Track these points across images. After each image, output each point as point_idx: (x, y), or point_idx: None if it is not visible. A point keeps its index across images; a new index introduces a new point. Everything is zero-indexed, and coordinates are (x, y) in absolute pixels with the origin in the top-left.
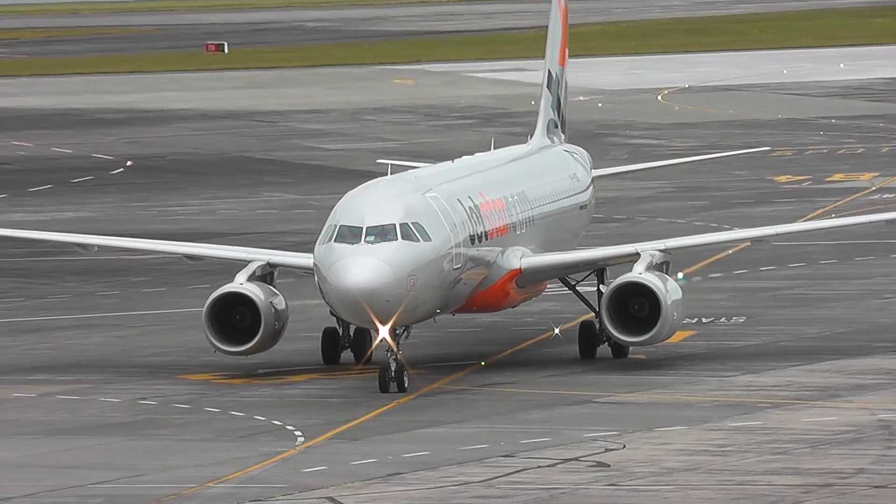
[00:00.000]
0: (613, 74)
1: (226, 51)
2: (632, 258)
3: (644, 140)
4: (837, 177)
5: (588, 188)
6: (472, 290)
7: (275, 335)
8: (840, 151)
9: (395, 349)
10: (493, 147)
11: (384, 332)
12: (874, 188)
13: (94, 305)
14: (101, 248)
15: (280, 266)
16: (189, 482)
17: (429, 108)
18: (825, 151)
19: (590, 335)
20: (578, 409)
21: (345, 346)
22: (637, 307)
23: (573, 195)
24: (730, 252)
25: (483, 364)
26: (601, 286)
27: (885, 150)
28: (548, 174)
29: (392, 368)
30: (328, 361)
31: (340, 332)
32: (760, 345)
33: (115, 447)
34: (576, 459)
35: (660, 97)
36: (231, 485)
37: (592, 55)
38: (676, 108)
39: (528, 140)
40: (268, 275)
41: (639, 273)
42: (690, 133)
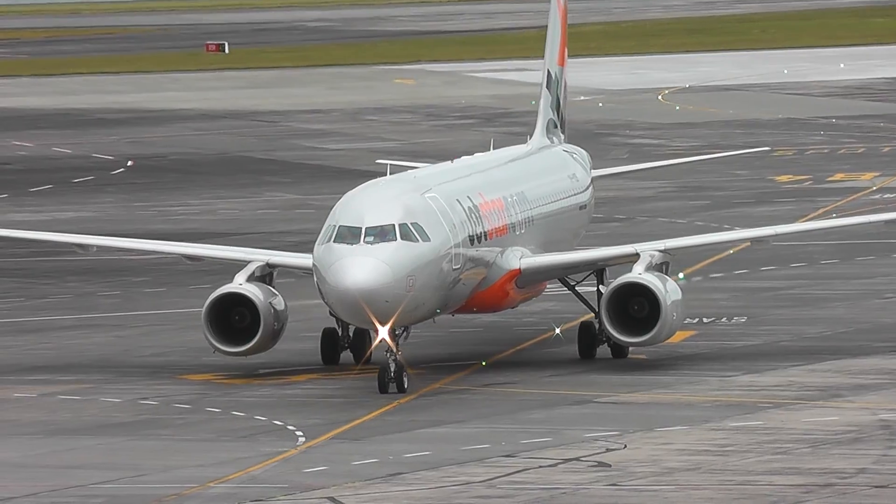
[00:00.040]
0: (614, 74)
1: (226, 51)
2: (631, 258)
3: (645, 140)
4: (838, 176)
5: (588, 188)
6: (472, 291)
7: (274, 335)
8: (841, 151)
9: (395, 350)
10: (493, 147)
11: (383, 333)
12: (875, 188)
13: (95, 305)
14: (101, 249)
15: (279, 266)
16: (190, 482)
17: (430, 108)
18: (826, 151)
19: (589, 336)
20: (579, 409)
21: (344, 347)
22: (637, 308)
23: (573, 195)
24: (730, 252)
25: (484, 364)
26: (601, 286)
27: (886, 150)
28: (547, 174)
29: (391, 369)
30: (327, 362)
31: (340, 333)
32: (761, 345)
33: (117, 447)
34: (577, 459)
35: (660, 97)
36: (232, 485)
37: (593, 55)
38: (677, 108)
39: (528, 140)
40: (267, 275)
41: (638, 273)
42: (691, 133)
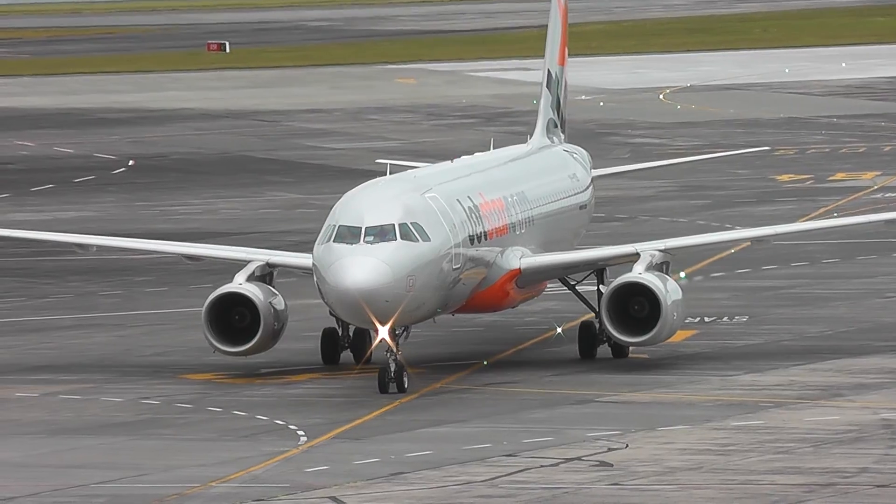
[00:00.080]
0: (615, 73)
1: (227, 50)
2: (631, 258)
3: (646, 139)
4: (839, 176)
5: (588, 188)
6: (472, 291)
7: (274, 335)
8: (842, 150)
9: (395, 349)
10: (493, 147)
11: (383, 333)
12: (876, 187)
13: (97, 305)
14: (102, 248)
15: (279, 266)
16: (192, 482)
17: (431, 108)
18: (827, 150)
19: (590, 335)
20: (581, 409)
21: (344, 347)
22: (637, 307)
23: (573, 195)
24: (731, 251)
25: (486, 363)
26: (601, 286)
27: (887, 149)
28: (547, 174)
29: (391, 369)
30: (328, 362)
31: (340, 333)
32: (763, 344)
33: (118, 447)
34: (578, 459)
35: (661, 96)
36: (234, 484)
37: (594, 54)
38: (678, 108)
39: (528, 140)
40: (267, 275)
41: (639, 273)
42: (692, 132)
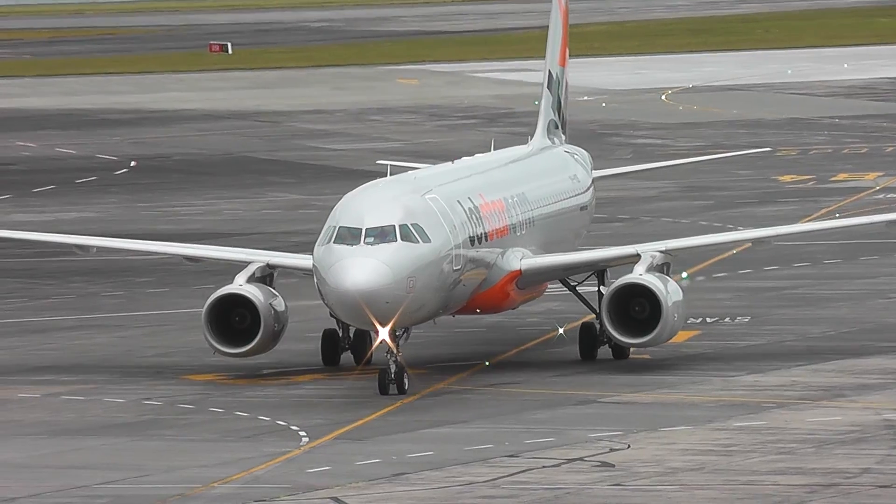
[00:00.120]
0: (617, 74)
1: (230, 51)
2: (632, 259)
3: (648, 140)
4: (841, 176)
5: (589, 189)
6: (472, 292)
7: (274, 337)
8: (844, 151)
9: (395, 351)
10: (494, 148)
11: (384, 334)
12: (878, 188)
13: (99, 306)
14: (102, 249)
15: (279, 267)
16: (194, 482)
17: (433, 109)
18: (829, 151)
19: (590, 337)
20: (583, 409)
21: (345, 348)
22: (638, 308)
23: (573, 196)
24: (734, 252)
25: (487, 364)
26: (601, 287)
27: (890, 150)
28: (548, 175)
29: (392, 370)
30: (328, 363)
31: (340, 334)
32: (765, 344)
33: (120, 447)
34: (580, 459)
35: (664, 97)
36: (235, 485)
37: (596, 55)
38: (680, 108)
39: (529, 141)
40: (267, 276)
41: (639, 274)
42: (695, 133)
